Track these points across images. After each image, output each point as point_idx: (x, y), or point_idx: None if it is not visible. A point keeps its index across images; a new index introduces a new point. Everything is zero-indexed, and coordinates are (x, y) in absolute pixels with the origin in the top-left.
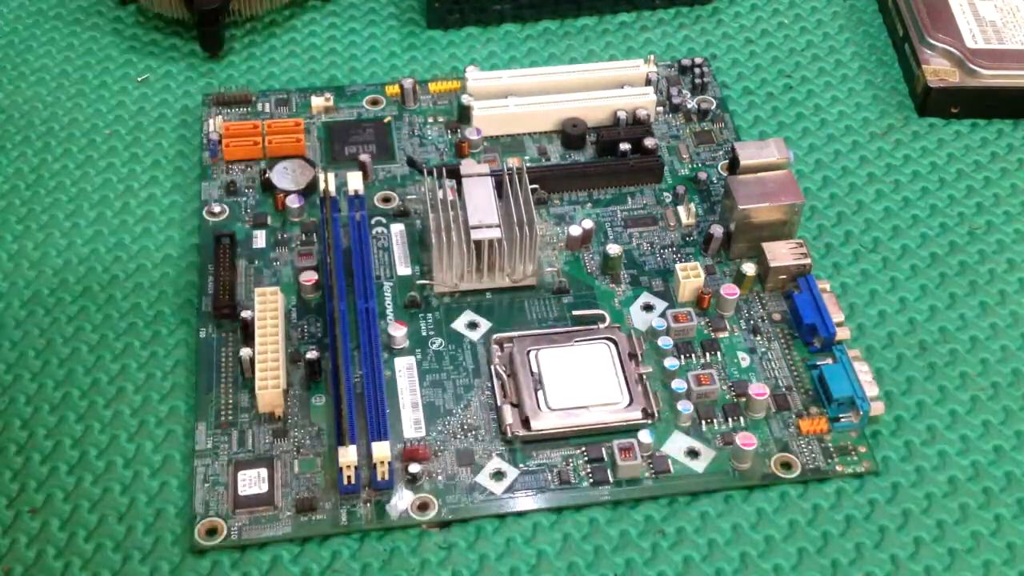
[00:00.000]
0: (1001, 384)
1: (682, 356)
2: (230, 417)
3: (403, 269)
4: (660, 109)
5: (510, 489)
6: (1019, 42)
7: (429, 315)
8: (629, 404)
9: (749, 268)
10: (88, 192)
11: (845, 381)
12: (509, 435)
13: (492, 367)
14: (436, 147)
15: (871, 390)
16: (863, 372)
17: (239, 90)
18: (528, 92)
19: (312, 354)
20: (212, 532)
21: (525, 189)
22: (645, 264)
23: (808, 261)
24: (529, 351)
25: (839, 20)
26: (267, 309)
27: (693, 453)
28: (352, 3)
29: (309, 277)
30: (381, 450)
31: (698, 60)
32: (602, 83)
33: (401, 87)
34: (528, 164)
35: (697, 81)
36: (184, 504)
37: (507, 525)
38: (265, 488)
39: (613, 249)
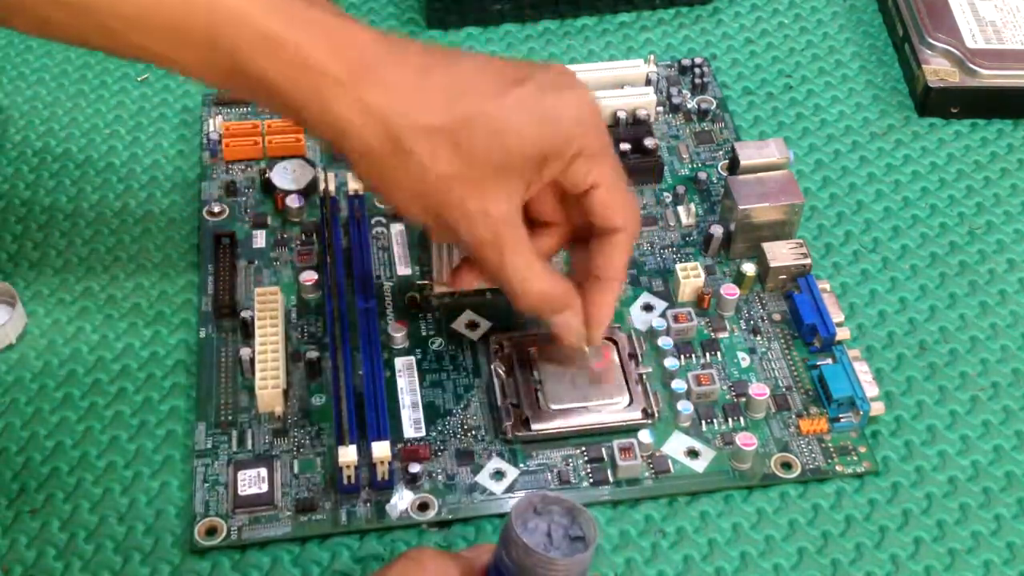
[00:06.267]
0: (1001, 384)
1: (682, 356)
2: (230, 417)
3: (403, 269)
4: (660, 109)
5: (510, 489)
6: (1019, 42)
7: (429, 315)
8: (629, 404)
9: (749, 268)
10: (88, 192)
11: (845, 381)
12: (509, 435)
13: (492, 367)
14: None
15: (871, 390)
16: (863, 372)
17: None
18: None
19: (312, 354)
20: (212, 532)
21: None
22: (645, 264)
23: (808, 261)
24: (529, 351)
25: (839, 20)
26: (267, 309)
27: (693, 453)
28: (352, 3)
29: (309, 277)
30: (381, 450)
31: (698, 60)
32: (602, 83)
33: None
34: None
35: (697, 81)
36: (184, 504)
37: None
38: (265, 488)
39: None
